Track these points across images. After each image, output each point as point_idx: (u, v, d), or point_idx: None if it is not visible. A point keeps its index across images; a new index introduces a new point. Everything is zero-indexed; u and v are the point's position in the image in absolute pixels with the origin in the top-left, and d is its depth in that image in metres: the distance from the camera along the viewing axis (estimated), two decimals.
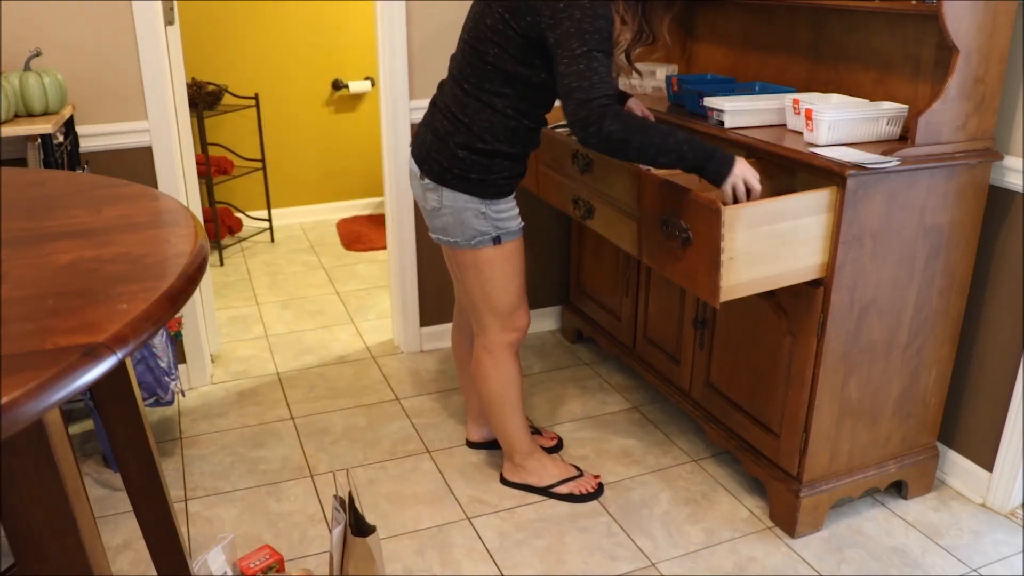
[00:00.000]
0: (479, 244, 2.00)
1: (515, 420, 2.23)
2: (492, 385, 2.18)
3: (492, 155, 1.93)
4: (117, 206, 1.38)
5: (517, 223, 2.04)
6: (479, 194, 1.95)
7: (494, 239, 2.00)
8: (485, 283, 2.06)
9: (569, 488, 2.27)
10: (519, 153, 1.98)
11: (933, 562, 2.06)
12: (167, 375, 2.41)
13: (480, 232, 1.99)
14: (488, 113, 1.90)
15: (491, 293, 2.07)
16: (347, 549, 1.82)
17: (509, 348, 2.16)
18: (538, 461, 2.29)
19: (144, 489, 1.56)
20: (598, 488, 2.29)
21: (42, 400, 0.76)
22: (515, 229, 2.04)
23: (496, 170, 1.94)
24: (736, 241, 1.75)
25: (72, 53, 2.39)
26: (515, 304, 2.11)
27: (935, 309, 2.08)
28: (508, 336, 2.14)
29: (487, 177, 1.94)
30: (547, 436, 2.53)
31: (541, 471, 2.28)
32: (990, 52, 1.88)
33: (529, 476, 2.29)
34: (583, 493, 2.27)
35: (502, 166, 1.95)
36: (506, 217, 2.00)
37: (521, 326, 2.15)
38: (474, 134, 1.91)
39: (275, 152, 4.57)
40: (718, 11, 2.79)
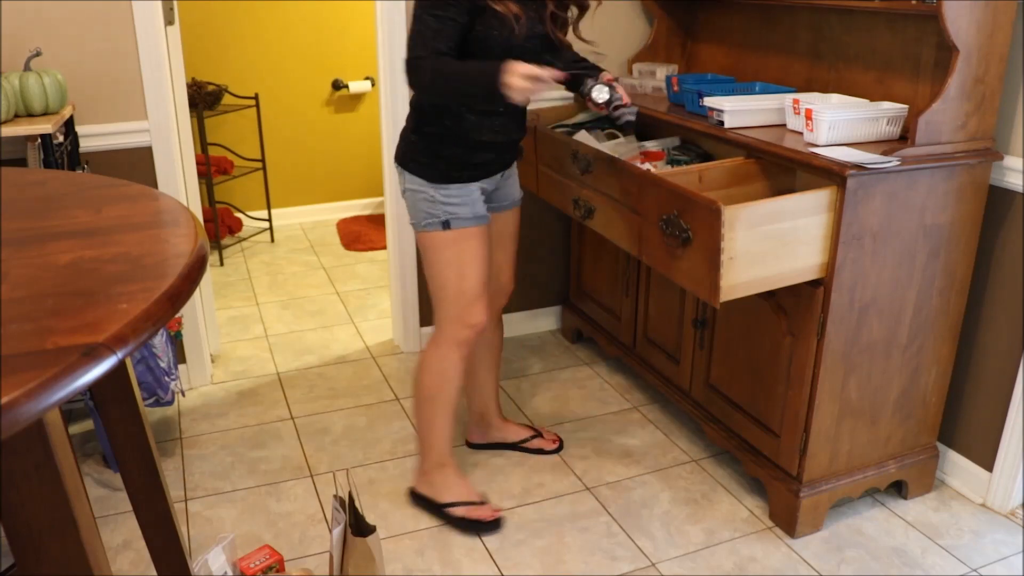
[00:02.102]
0: (428, 227, 1.99)
1: (439, 422, 2.16)
2: (426, 379, 2.13)
3: (439, 139, 1.95)
4: (117, 206, 1.38)
5: (471, 211, 1.99)
6: (428, 177, 1.96)
7: (443, 223, 1.97)
8: (440, 269, 2.03)
9: (464, 512, 2.16)
10: (470, 140, 1.95)
11: (933, 562, 2.06)
12: (167, 375, 2.41)
13: (429, 215, 1.98)
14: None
15: (446, 281, 2.04)
16: (347, 549, 1.82)
17: (458, 346, 2.08)
18: (444, 476, 2.20)
19: (144, 489, 1.56)
20: (494, 521, 2.16)
21: (42, 400, 0.76)
22: (467, 216, 1.99)
23: (444, 155, 1.95)
24: (736, 241, 1.75)
25: (72, 53, 2.39)
26: (470, 297, 2.04)
27: (935, 309, 2.08)
28: (459, 332, 2.07)
29: (434, 162, 1.96)
30: (548, 438, 2.52)
31: (443, 487, 2.19)
32: (990, 52, 1.88)
33: (431, 488, 2.20)
34: (475, 520, 2.15)
35: (452, 152, 1.95)
36: (456, 203, 1.97)
37: (474, 323, 2.07)
38: (422, 117, 1.97)
39: (275, 152, 4.57)
40: (718, 11, 2.79)
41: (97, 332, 0.87)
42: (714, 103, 2.22)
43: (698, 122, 2.28)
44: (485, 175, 2.02)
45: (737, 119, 2.18)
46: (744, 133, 2.13)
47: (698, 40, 2.93)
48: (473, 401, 2.46)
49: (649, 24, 3.00)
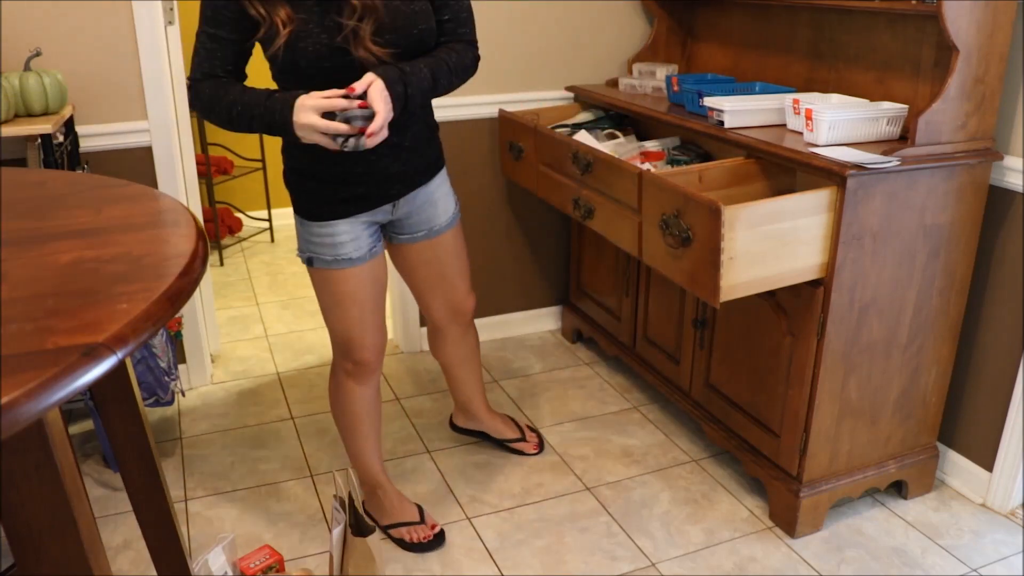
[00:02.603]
0: (300, 258, 1.91)
1: (358, 447, 2.10)
2: (332, 408, 2.10)
3: (299, 172, 1.83)
4: (117, 206, 1.38)
5: (332, 252, 1.83)
6: (296, 209, 1.87)
7: (307, 259, 1.88)
8: (320, 303, 1.95)
9: (401, 534, 2.10)
10: (324, 172, 1.78)
11: (933, 562, 2.06)
12: (167, 375, 2.41)
13: (300, 248, 1.90)
14: None
15: (325, 316, 1.95)
16: (347, 549, 1.82)
17: (348, 376, 2.00)
18: (380, 498, 2.14)
19: (144, 489, 1.56)
20: (433, 539, 2.09)
21: (42, 400, 0.76)
22: (328, 259, 1.83)
23: (304, 188, 1.83)
24: (736, 241, 1.75)
25: (72, 53, 2.39)
26: (347, 335, 1.93)
27: (935, 309, 2.08)
28: (345, 365, 1.98)
29: (297, 194, 1.85)
30: (531, 442, 2.49)
31: (380, 510, 2.14)
32: (990, 52, 1.88)
33: (374, 511, 2.15)
34: (413, 541, 2.09)
35: (308, 186, 1.82)
36: (318, 243, 1.84)
37: (360, 359, 1.95)
38: (283, 146, 1.85)
39: (275, 152, 4.51)
40: (718, 11, 2.79)
41: (97, 332, 0.87)
42: (714, 103, 2.22)
43: (698, 122, 2.28)
44: (360, 210, 1.83)
45: (737, 119, 2.18)
46: (744, 133, 2.13)
47: (698, 40, 2.93)
48: (455, 393, 2.45)
49: (649, 24, 3.00)
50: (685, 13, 2.94)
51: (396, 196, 1.87)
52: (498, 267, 3.14)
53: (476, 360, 2.37)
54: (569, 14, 2.90)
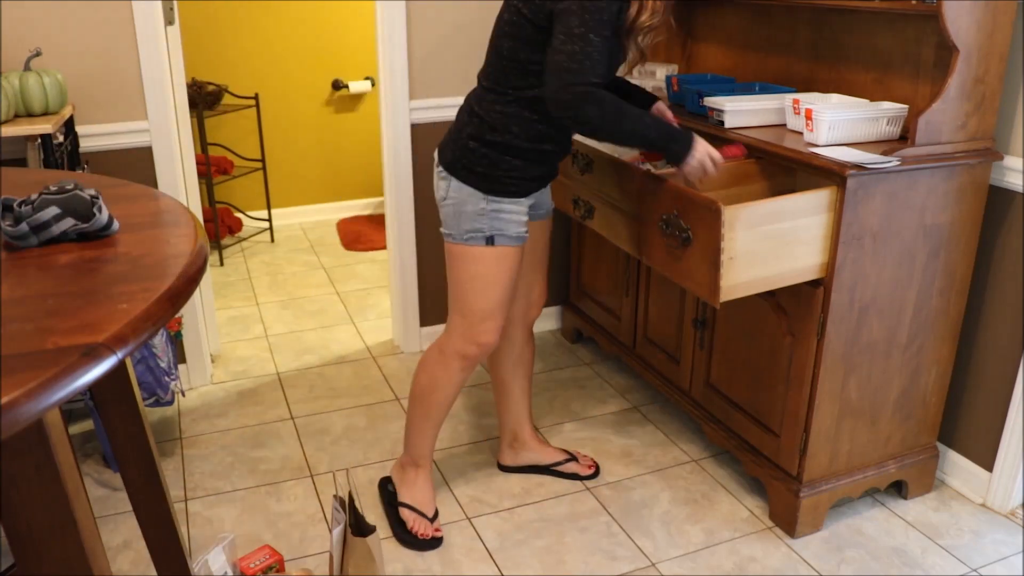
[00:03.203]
0: (471, 241, 1.93)
1: (424, 425, 2.13)
2: (422, 378, 2.10)
3: (503, 149, 1.87)
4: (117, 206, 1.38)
5: (517, 230, 1.94)
6: (483, 188, 1.88)
7: (487, 238, 1.92)
8: (466, 280, 1.97)
9: (411, 520, 2.13)
10: (533, 151, 1.89)
11: (933, 562, 2.06)
12: (167, 375, 2.41)
13: (475, 229, 1.92)
14: (502, 103, 1.86)
15: (468, 292, 1.98)
16: (347, 549, 1.82)
17: (462, 360, 2.03)
18: (415, 477, 2.17)
19: (144, 489, 1.56)
20: (431, 540, 2.10)
21: (42, 400, 0.76)
22: (513, 235, 1.94)
23: (504, 167, 1.88)
24: (736, 241, 1.75)
25: (72, 53, 2.39)
26: (487, 313, 1.99)
27: (935, 309, 2.08)
28: (466, 347, 2.02)
29: (493, 172, 1.88)
30: (584, 463, 2.41)
31: (411, 486, 2.17)
32: (990, 52, 1.88)
33: (400, 483, 2.19)
34: (414, 533, 2.11)
35: (511, 164, 1.88)
36: (506, 219, 1.92)
37: (485, 342, 2.01)
38: (486, 125, 1.87)
39: (275, 152, 4.57)
40: (718, 11, 2.79)
41: (97, 332, 0.87)
42: (714, 103, 2.22)
43: (698, 122, 2.28)
44: (538, 188, 1.99)
45: (737, 119, 2.18)
46: (744, 133, 2.13)
47: (698, 40, 2.93)
48: (505, 420, 2.37)
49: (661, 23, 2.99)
50: (685, 13, 2.94)
51: (553, 177, 2.05)
52: None
53: (531, 375, 2.34)
54: None
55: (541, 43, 1.78)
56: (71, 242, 1.19)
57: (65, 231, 1.18)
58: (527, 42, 1.80)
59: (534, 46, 1.79)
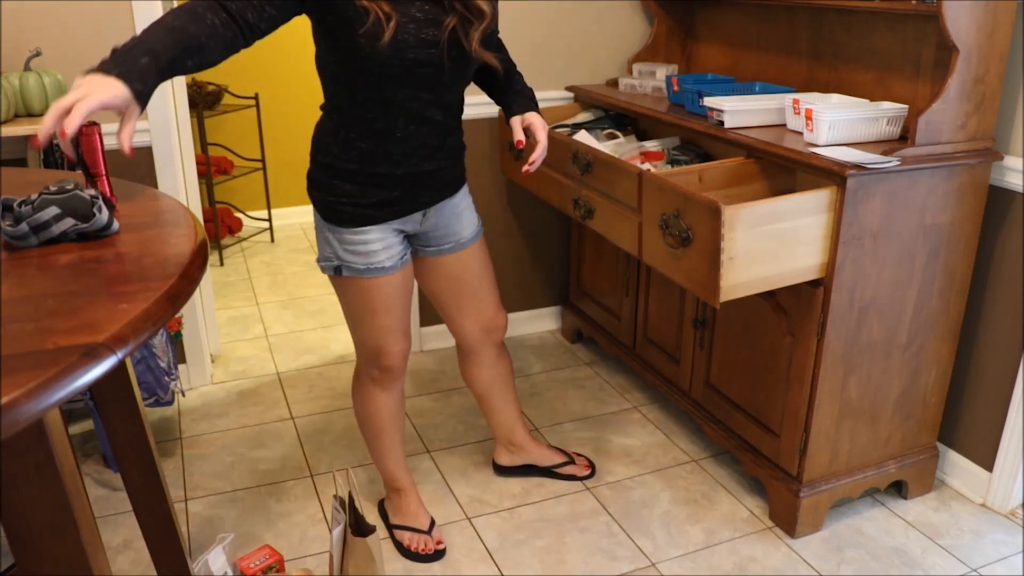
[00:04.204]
0: (325, 268, 1.86)
1: (380, 451, 2.09)
2: (355, 410, 2.08)
3: (331, 172, 1.74)
4: (117, 206, 1.38)
5: (365, 262, 1.78)
6: (322, 215, 1.79)
7: (335, 268, 1.82)
8: (345, 311, 1.92)
9: (407, 540, 2.08)
10: (362, 173, 1.73)
11: (933, 562, 2.06)
12: (167, 375, 2.41)
13: (324, 256, 1.84)
14: (322, 120, 1.79)
15: (349, 322, 1.93)
16: (347, 549, 1.82)
17: (373, 383, 1.98)
18: (396, 500, 2.14)
19: (144, 489, 1.57)
20: (433, 553, 2.06)
21: (42, 400, 0.77)
22: (361, 267, 1.79)
23: (336, 192, 1.74)
24: (736, 241, 1.75)
25: (72, 53, 2.39)
26: (373, 342, 1.90)
27: (935, 309, 2.08)
28: (371, 372, 1.96)
29: (327, 199, 1.76)
30: (581, 463, 2.40)
31: (398, 510, 2.14)
32: (990, 52, 1.88)
33: (389, 510, 2.17)
34: (412, 549, 2.07)
35: (342, 189, 1.73)
36: (351, 250, 1.78)
37: (386, 365, 1.93)
38: (314, 146, 1.79)
39: (275, 152, 4.57)
40: (718, 11, 2.79)
41: (97, 332, 0.87)
42: (714, 103, 2.22)
43: (698, 122, 2.28)
44: (392, 216, 1.79)
45: (737, 119, 2.18)
46: (744, 133, 2.13)
47: (698, 40, 2.93)
48: (495, 428, 2.35)
49: (649, 24, 3.00)
50: (685, 13, 2.94)
51: (426, 204, 1.84)
52: (498, 267, 3.12)
53: (512, 384, 2.29)
54: (569, 14, 2.90)
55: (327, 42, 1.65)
56: (71, 242, 1.19)
57: (65, 231, 1.18)
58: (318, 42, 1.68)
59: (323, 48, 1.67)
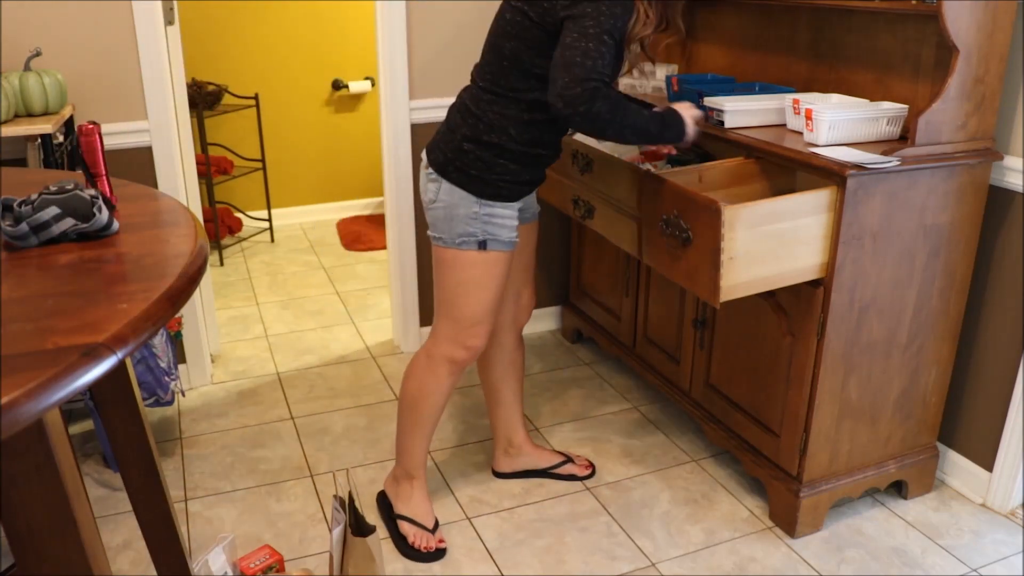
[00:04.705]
0: (463, 245, 1.90)
1: (416, 432, 2.09)
2: (411, 386, 2.07)
3: (498, 151, 1.84)
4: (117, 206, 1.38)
5: (509, 235, 1.92)
6: (476, 192, 1.86)
7: (480, 243, 1.89)
8: (456, 285, 1.94)
9: (412, 534, 2.09)
10: (528, 154, 1.87)
11: (933, 562, 2.06)
12: (167, 375, 2.41)
13: (468, 233, 1.89)
14: (501, 105, 1.83)
15: (458, 297, 1.95)
16: (347, 549, 1.82)
17: (450, 364, 2.01)
18: (409, 488, 2.14)
19: (144, 489, 1.56)
20: (435, 551, 2.07)
21: (42, 400, 0.77)
22: (505, 240, 1.91)
23: (498, 170, 1.85)
24: (736, 241, 1.75)
25: (72, 53, 2.39)
26: (477, 317, 1.96)
27: (935, 309, 2.08)
28: (455, 351, 1.99)
29: (487, 176, 1.85)
30: (580, 463, 2.41)
31: (406, 499, 2.14)
32: (990, 52, 1.88)
33: (395, 497, 2.16)
34: (416, 547, 2.07)
35: (506, 168, 1.85)
36: (498, 224, 1.89)
37: (473, 345, 1.99)
38: (483, 125, 1.84)
39: (275, 152, 4.57)
40: (718, 11, 2.79)
41: (97, 332, 0.87)
42: (714, 103, 2.22)
43: None
44: (529, 192, 1.97)
45: (737, 119, 2.18)
46: (744, 133, 2.13)
47: (698, 40, 2.93)
48: (498, 426, 2.34)
49: (661, 30, 2.99)
50: (685, 13, 2.93)
51: (542, 180, 2.02)
52: None
53: (522, 379, 2.31)
54: None
55: (545, 46, 1.76)
56: (71, 242, 1.19)
57: (65, 231, 1.18)
58: (530, 44, 1.78)
59: (537, 49, 1.78)
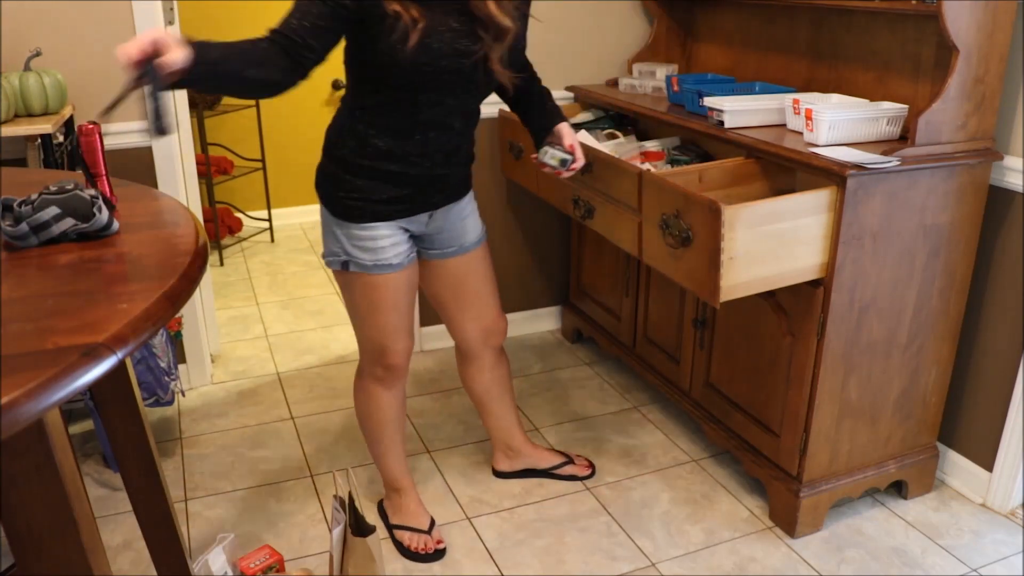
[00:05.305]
0: (331, 265, 1.85)
1: (380, 451, 2.10)
2: (357, 410, 2.08)
3: (343, 167, 1.76)
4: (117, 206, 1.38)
5: (373, 258, 1.80)
6: (330, 210, 1.81)
7: (342, 263, 1.82)
8: (351, 308, 1.91)
9: (407, 540, 2.08)
10: (373, 170, 1.74)
11: (933, 562, 2.06)
12: (167, 375, 2.41)
13: (331, 251, 1.84)
14: (342, 115, 1.78)
15: (354, 320, 1.93)
16: (347, 549, 1.82)
17: (376, 383, 1.99)
18: (396, 500, 2.15)
19: (144, 489, 1.57)
20: (434, 552, 2.06)
21: (42, 400, 0.77)
22: (368, 264, 1.80)
23: (345, 187, 1.76)
24: (736, 241, 1.75)
25: (72, 53, 2.39)
26: (379, 341, 1.91)
27: (935, 309, 2.08)
28: (375, 371, 1.97)
29: (335, 193, 1.78)
30: (580, 463, 2.40)
31: (396, 510, 2.15)
32: (990, 52, 1.88)
33: (388, 510, 2.17)
34: (412, 548, 2.07)
35: (353, 184, 1.75)
36: (360, 246, 1.79)
37: (389, 364, 1.95)
38: (329, 138, 1.80)
39: (275, 152, 4.57)
40: (718, 11, 2.79)
41: (97, 332, 0.87)
42: (714, 103, 2.22)
43: (698, 122, 2.28)
44: (399, 215, 1.81)
45: (737, 119, 2.18)
46: (744, 133, 2.13)
47: (698, 40, 2.93)
48: (494, 434, 2.35)
49: (649, 24, 3.00)
50: (685, 13, 2.94)
51: (435, 206, 1.87)
52: (498, 267, 3.11)
53: (510, 389, 2.29)
54: (569, 14, 2.90)
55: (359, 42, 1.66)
56: (71, 242, 1.19)
57: (65, 231, 1.18)
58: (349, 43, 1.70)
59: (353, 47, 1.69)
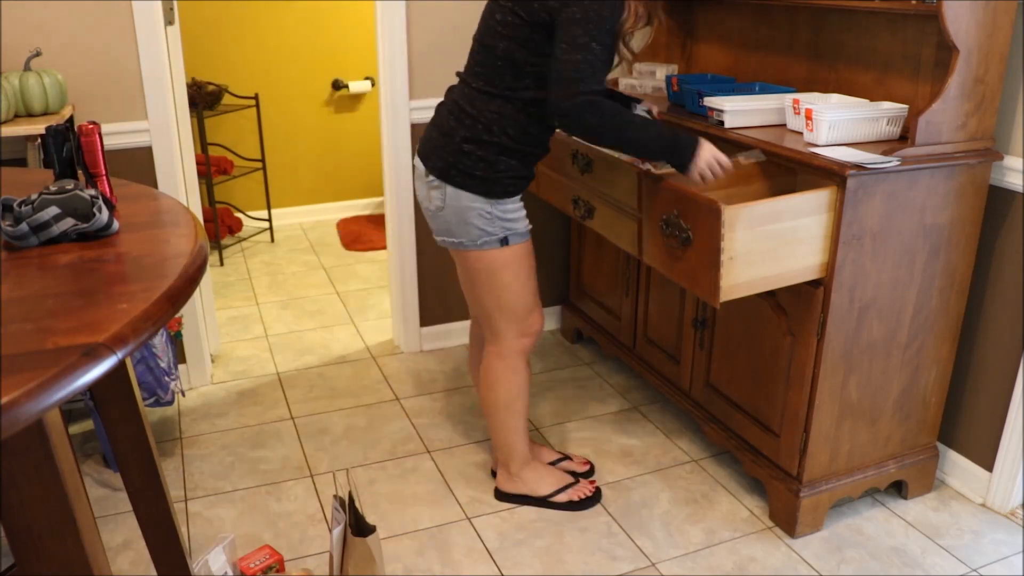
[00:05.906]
0: (485, 245, 1.94)
1: (519, 427, 2.18)
2: (501, 392, 2.14)
3: (499, 150, 1.87)
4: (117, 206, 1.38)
5: (524, 224, 1.99)
6: (483, 193, 1.89)
7: (501, 240, 1.95)
8: (496, 287, 2.00)
9: (568, 496, 2.22)
10: (526, 151, 1.91)
11: (933, 562, 2.06)
12: (167, 375, 2.41)
13: (486, 232, 1.93)
14: (497, 103, 1.86)
15: (503, 297, 2.02)
16: (347, 549, 1.82)
17: (522, 354, 2.11)
18: (535, 471, 2.24)
19: (144, 489, 1.56)
20: (596, 492, 2.25)
21: (42, 400, 0.77)
22: (522, 231, 1.99)
23: (501, 168, 1.88)
24: (736, 241, 1.75)
25: (72, 53, 2.39)
26: (528, 307, 2.06)
27: (935, 309, 2.08)
28: (522, 341, 2.10)
29: (491, 175, 1.88)
30: (578, 461, 2.42)
31: (538, 481, 2.23)
32: (990, 52, 1.88)
33: (525, 486, 2.24)
34: (581, 499, 2.22)
35: (508, 164, 1.89)
36: (513, 218, 1.95)
37: (535, 330, 2.11)
38: (481, 126, 1.86)
39: (275, 152, 4.57)
40: (718, 11, 2.78)
41: (97, 332, 0.87)
42: (714, 103, 2.22)
43: (698, 122, 2.28)
44: (526, 187, 2.01)
45: (737, 119, 2.18)
46: (744, 133, 2.13)
47: (698, 40, 2.93)
48: None
49: (649, 24, 2.99)
50: (685, 13, 2.94)
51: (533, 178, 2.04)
52: None
53: None
54: None
55: (538, 44, 1.79)
56: (71, 242, 1.19)
57: (65, 231, 1.18)
58: (523, 43, 1.80)
59: (530, 47, 1.80)
